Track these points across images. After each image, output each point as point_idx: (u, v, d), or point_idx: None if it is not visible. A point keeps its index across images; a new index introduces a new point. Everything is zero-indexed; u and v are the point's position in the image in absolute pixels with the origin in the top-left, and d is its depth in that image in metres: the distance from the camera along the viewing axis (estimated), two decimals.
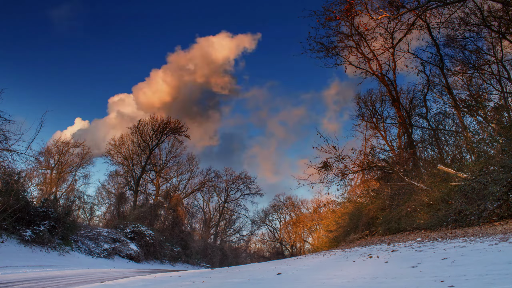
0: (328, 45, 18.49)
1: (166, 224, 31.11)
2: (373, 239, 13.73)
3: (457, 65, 17.51)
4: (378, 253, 8.85)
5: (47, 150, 29.40)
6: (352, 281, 5.08)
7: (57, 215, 17.09)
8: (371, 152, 18.29)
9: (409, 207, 12.79)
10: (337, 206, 20.95)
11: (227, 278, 7.66)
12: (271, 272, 8.12)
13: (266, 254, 44.38)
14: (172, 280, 7.85)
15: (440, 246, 7.58)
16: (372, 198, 16.05)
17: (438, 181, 12.12)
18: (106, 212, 33.05)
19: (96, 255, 18.77)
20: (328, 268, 7.86)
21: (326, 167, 16.55)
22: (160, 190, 35.04)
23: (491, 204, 9.44)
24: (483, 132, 11.95)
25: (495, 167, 9.53)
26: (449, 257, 5.74)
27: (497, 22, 14.75)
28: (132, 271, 13.59)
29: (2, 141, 12.49)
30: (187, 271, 14.12)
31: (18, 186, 15.35)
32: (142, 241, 23.54)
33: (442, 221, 10.64)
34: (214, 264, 32.07)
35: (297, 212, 44.03)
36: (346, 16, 17.43)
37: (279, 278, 6.78)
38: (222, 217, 42.21)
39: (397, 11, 15.73)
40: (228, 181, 42.14)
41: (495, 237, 7.04)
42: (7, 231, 14.49)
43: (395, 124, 20.03)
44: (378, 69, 18.84)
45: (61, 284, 7.01)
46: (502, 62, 15.39)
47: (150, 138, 33.43)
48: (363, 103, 21.13)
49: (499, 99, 14.96)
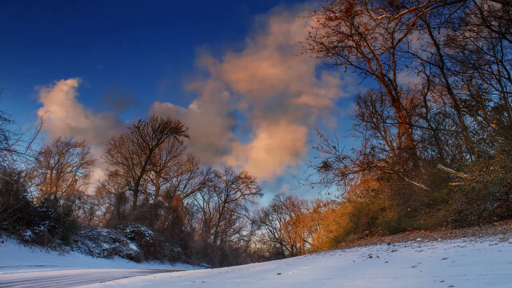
0: (328, 45, 18.50)
1: (166, 224, 31.11)
2: (373, 239, 13.74)
3: (457, 65, 17.50)
4: (378, 253, 8.85)
5: (47, 150, 29.41)
6: (352, 281, 5.08)
7: (57, 215, 17.09)
8: (371, 152, 18.30)
9: (409, 207, 12.79)
10: (337, 206, 20.95)
11: (227, 278, 7.65)
12: (271, 272, 8.11)
13: (266, 254, 44.40)
14: (172, 280, 7.85)
15: (440, 246, 7.58)
16: (372, 198, 16.05)
17: (438, 181, 12.12)
18: (106, 212, 33.06)
19: (96, 255, 18.77)
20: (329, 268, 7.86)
21: (326, 167, 16.56)
22: (160, 190, 35.06)
23: (491, 204, 9.44)
24: (483, 132, 11.95)
25: (495, 167, 9.53)
26: (449, 257, 5.74)
27: (497, 22, 14.75)
28: (132, 271, 13.59)
29: (2, 141, 12.50)
30: (187, 271, 14.12)
31: (18, 186, 15.35)
32: (142, 241, 23.54)
33: (442, 221, 10.64)
34: (214, 264, 32.07)
35: (297, 212, 44.06)
36: (346, 16, 17.43)
37: (279, 277, 6.78)
38: (222, 217, 42.22)
39: (397, 11, 15.72)
40: (228, 181, 42.20)
41: (495, 237, 7.04)
42: (7, 231, 14.49)
43: (395, 124, 20.04)
44: (378, 69, 18.85)
45: (61, 284, 7.01)
46: (502, 62, 15.39)
47: (150, 138, 33.44)
48: (363, 103, 21.15)
49: (499, 99, 14.96)
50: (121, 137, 34.07)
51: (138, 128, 33.35)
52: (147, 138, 33.44)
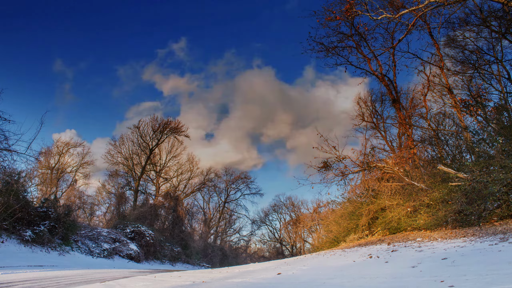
0: (328, 45, 18.51)
1: (166, 224, 31.12)
2: (373, 239, 13.73)
3: (457, 65, 17.50)
4: (378, 253, 8.85)
5: (47, 150, 29.42)
6: (352, 281, 5.08)
7: (57, 215, 17.09)
8: (371, 152, 18.30)
9: (409, 207, 12.79)
10: (337, 206, 20.93)
11: (227, 278, 7.65)
12: (272, 271, 8.11)
13: (266, 254, 44.40)
14: (172, 280, 7.85)
15: (440, 246, 7.58)
16: (372, 198, 16.03)
17: (438, 181, 12.12)
18: (106, 212, 33.10)
19: (96, 255, 18.77)
20: (329, 268, 7.86)
21: (326, 167, 16.54)
22: (160, 190, 35.06)
23: (491, 204, 9.44)
24: (483, 132, 11.94)
25: (495, 167, 9.53)
26: (449, 257, 5.74)
27: (497, 22, 14.75)
28: (132, 271, 13.60)
29: (2, 141, 12.50)
30: (187, 271, 14.12)
31: (18, 186, 15.36)
32: (142, 241, 23.55)
33: (442, 221, 10.63)
34: (214, 264, 32.07)
35: (297, 212, 44.05)
36: (346, 16, 17.42)
37: (279, 277, 6.78)
38: (222, 217, 42.22)
39: (397, 11, 15.73)
40: (228, 181, 42.20)
41: (495, 237, 7.05)
42: (7, 231, 14.49)
43: (395, 124, 20.03)
44: (378, 69, 18.85)
45: (61, 284, 7.00)
46: (502, 62, 15.38)
47: (150, 138, 33.48)
48: (363, 103, 21.16)
49: (499, 99, 14.95)
50: (121, 137, 34.13)
51: (138, 128, 33.38)
52: (147, 138, 33.46)
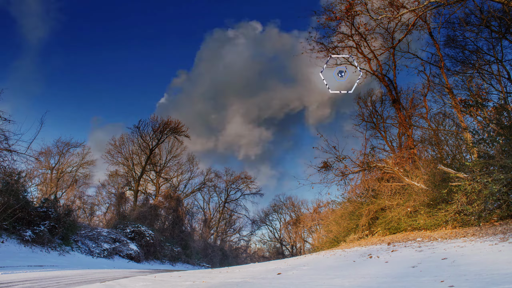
0: (328, 45, 18.54)
1: (166, 224, 31.12)
2: (373, 239, 13.74)
3: (457, 65, 17.50)
4: (378, 253, 8.85)
5: (47, 150, 29.42)
6: (352, 281, 5.08)
7: (57, 215, 17.10)
8: (371, 152, 18.30)
9: (409, 207, 12.80)
10: (337, 206, 20.92)
11: (227, 278, 7.65)
12: (272, 271, 8.11)
13: (266, 254, 44.41)
14: (172, 280, 7.85)
15: (440, 246, 7.58)
16: (372, 198, 16.03)
17: (438, 181, 12.11)
18: (106, 212, 33.10)
19: (96, 255, 18.78)
20: (330, 268, 7.86)
21: (326, 167, 16.56)
22: (160, 190, 35.06)
23: (491, 204, 9.45)
24: (483, 132, 11.93)
25: (495, 167, 9.53)
26: (449, 257, 5.75)
27: (497, 22, 14.75)
28: (132, 271, 13.60)
29: (2, 141, 12.50)
30: (187, 271, 14.12)
31: (18, 186, 15.36)
32: (142, 241, 23.56)
33: (442, 221, 10.64)
34: (214, 264, 32.08)
35: (297, 212, 44.05)
36: (346, 16, 17.45)
37: (279, 277, 6.77)
38: (222, 217, 42.22)
39: (397, 11, 15.74)
40: (228, 181, 42.20)
41: (495, 237, 7.05)
42: (7, 231, 14.50)
43: (395, 124, 20.01)
44: (378, 69, 18.86)
45: (61, 284, 7.01)
46: (502, 62, 15.38)
47: (150, 138, 33.47)
48: (363, 103, 21.14)
49: (499, 99, 14.94)
50: (121, 137, 34.13)
51: (138, 128, 33.39)
52: (147, 138, 33.46)
